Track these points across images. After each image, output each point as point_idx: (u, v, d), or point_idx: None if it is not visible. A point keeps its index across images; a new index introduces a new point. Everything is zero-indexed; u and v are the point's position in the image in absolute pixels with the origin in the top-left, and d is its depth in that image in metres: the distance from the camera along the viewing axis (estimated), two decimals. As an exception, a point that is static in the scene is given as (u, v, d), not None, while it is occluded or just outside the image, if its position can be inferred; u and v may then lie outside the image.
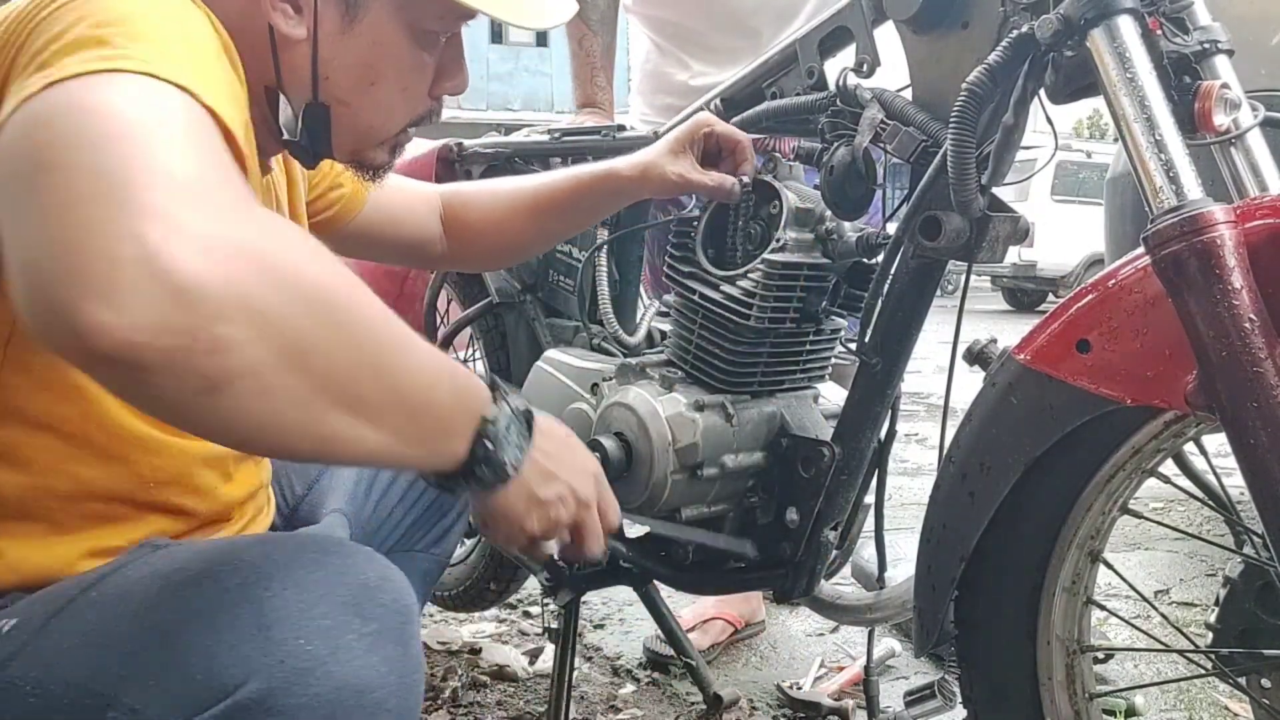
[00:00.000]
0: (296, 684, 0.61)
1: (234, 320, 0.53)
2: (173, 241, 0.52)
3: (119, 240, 0.51)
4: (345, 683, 0.63)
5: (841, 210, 1.11)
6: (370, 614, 0.66)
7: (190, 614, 0.63)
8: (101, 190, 0.52)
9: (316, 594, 0.64)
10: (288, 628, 0.62)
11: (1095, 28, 0.84)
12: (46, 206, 0.53)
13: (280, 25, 0.85)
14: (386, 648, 0.66)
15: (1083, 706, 0.99)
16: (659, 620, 1.61)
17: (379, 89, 0.90)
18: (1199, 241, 0.75)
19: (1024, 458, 0.90)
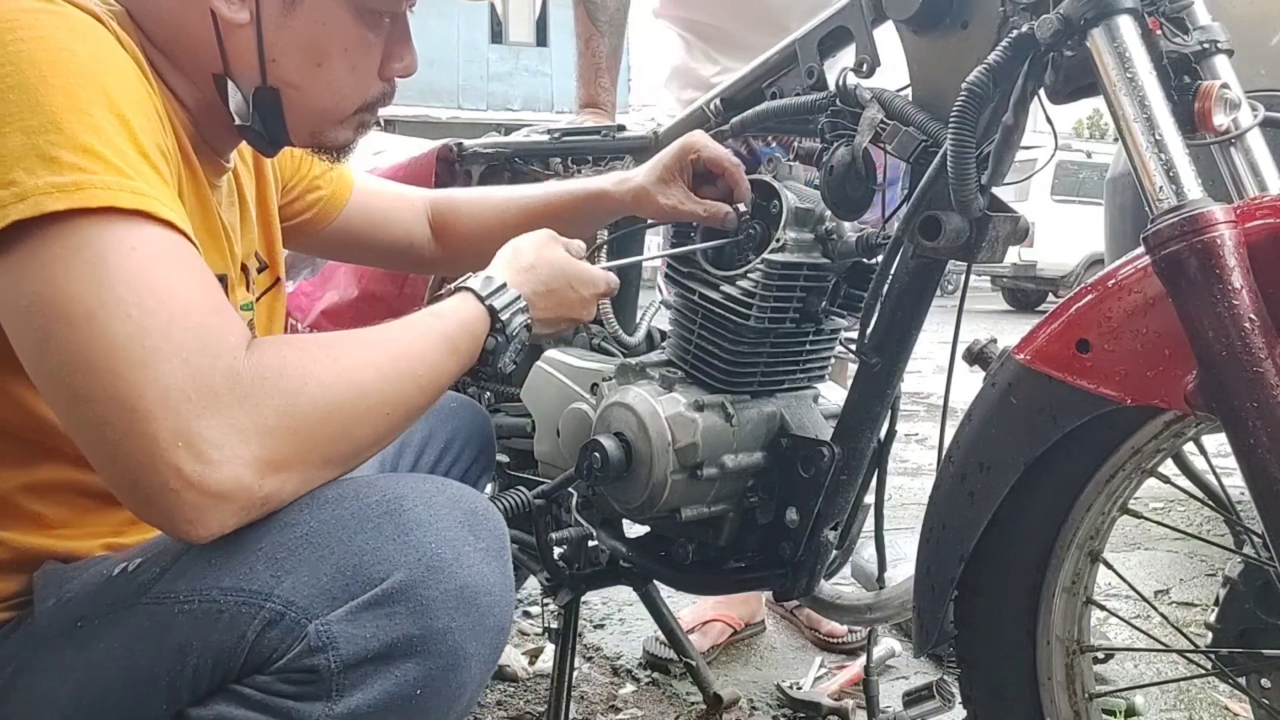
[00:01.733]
0: (432, 578, 0.72)
1: (277, 480, 0.72)
2: (204, 470, 0.68)
3: (165, 479, 0.67)
4: (468, 582, 0.73)
5: (841, 210, 1.11)
6: (480, 533, 0.76)
7: (336, 524, 0.73)
8: (132, 428, 0.66)
9: (441, 511, 0.75)
10: (421, 534, 0.73)
11: (1095, 27, 0.84)
12: (89, 423, 0.68)
13: (222, 10, 0.85)
14: (493, 561, 0.76)
15: (1082, 707, 0.99)
16: (659, 620, 1.61)
17: (327, 69, 0.90)
18: (1199, 241, 0.75)
19: (1024, 458, 0.90)
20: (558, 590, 1.37)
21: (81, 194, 0.67)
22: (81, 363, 0.66)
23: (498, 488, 1.59)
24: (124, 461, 0.67)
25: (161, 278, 0.69)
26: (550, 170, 1.57)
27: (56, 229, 0.67)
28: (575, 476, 1.23)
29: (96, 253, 0.67)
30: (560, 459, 1.34)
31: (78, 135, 0.69)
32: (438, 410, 1.31)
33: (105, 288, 0.67)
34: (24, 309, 0.68)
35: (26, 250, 0.67)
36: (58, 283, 0.67)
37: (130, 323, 0.67)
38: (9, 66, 0.69)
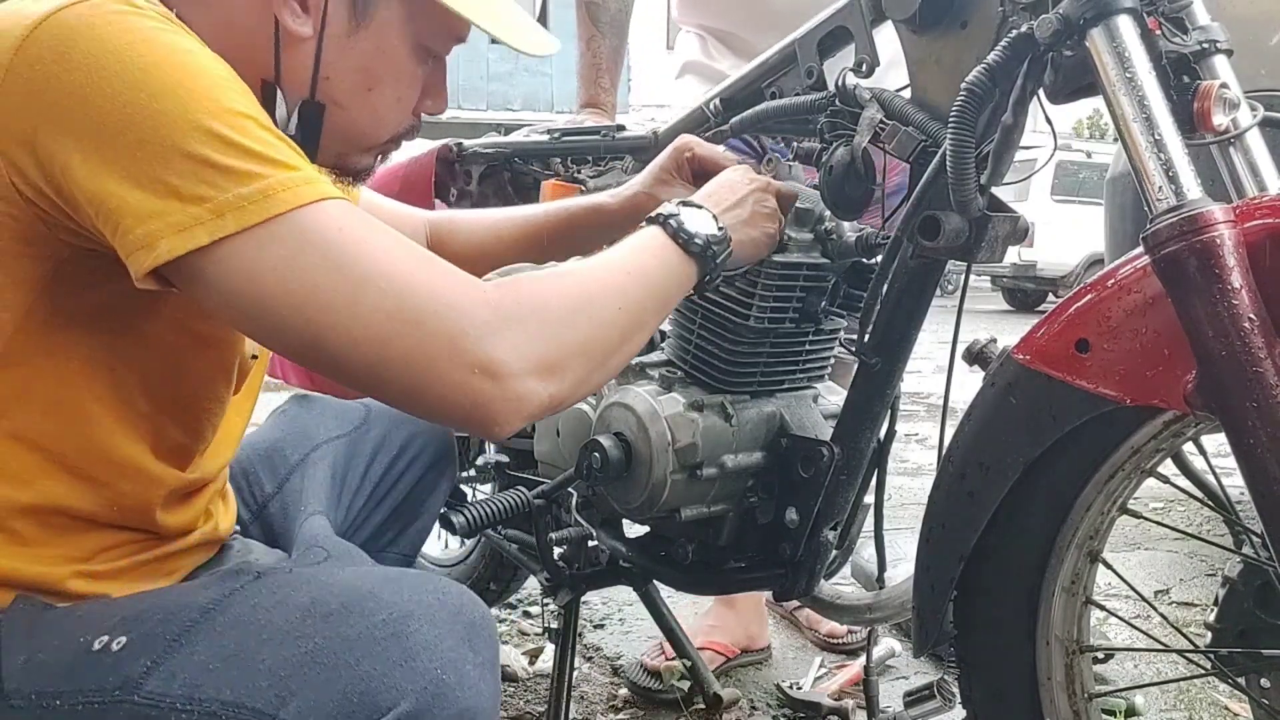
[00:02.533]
0: (435, 706, 0.71)
1: (555, 380, 0.80)
2: (502, 386, 0.76)
3: (474, 400, 0.76)
4: (468, 705, 0.72)
5: (841, 210, 1.11)
6: (478, 646, 0.76)
7: (342, 643, 0.72)
8: (435, 376, 0.75)
9: (444, 630, 0.74)
10: (426, 659, 0.72)
11: (1094, 27, 0.84)
12: (392, 383, 0.76)
13: (287, 21, 0.86)
14: (488, 676, 0.76)
15: (1082, 707, 0.99)
16: (659, 620, 1.61)
17: (375, 94, 0.93)
18: (1198, 241, 0.75)
19: (1023, 457, 0.90)
20: (558, 590, 1.37)
21: (271, 201, 0.72)
22: (365, 341, 0.73)
23: (497, 488, 1.59)
24: (435, 399, 0.76)
25: (380, 245, 0.76)
26: (550, 170, 1.57)
27: (266, 235, 0.72)
28: (575, 476, 1.23)
29: (321, 243, 0.73)
30: (560, 459, 1.34)
31: (238, 140, 0.72)
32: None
33: (349, 270, 0.73)
34: (272, 310, 0.73)
35: (248, 259, 0.72)
36: (302, 280, 0.72)
37: (388, 293, 0.74)
38: (147, 73, 0.71)
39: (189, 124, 0.71)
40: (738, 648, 1.91)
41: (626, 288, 0.89)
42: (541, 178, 1.57)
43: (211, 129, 0.72)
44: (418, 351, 0.74)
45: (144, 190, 0.70)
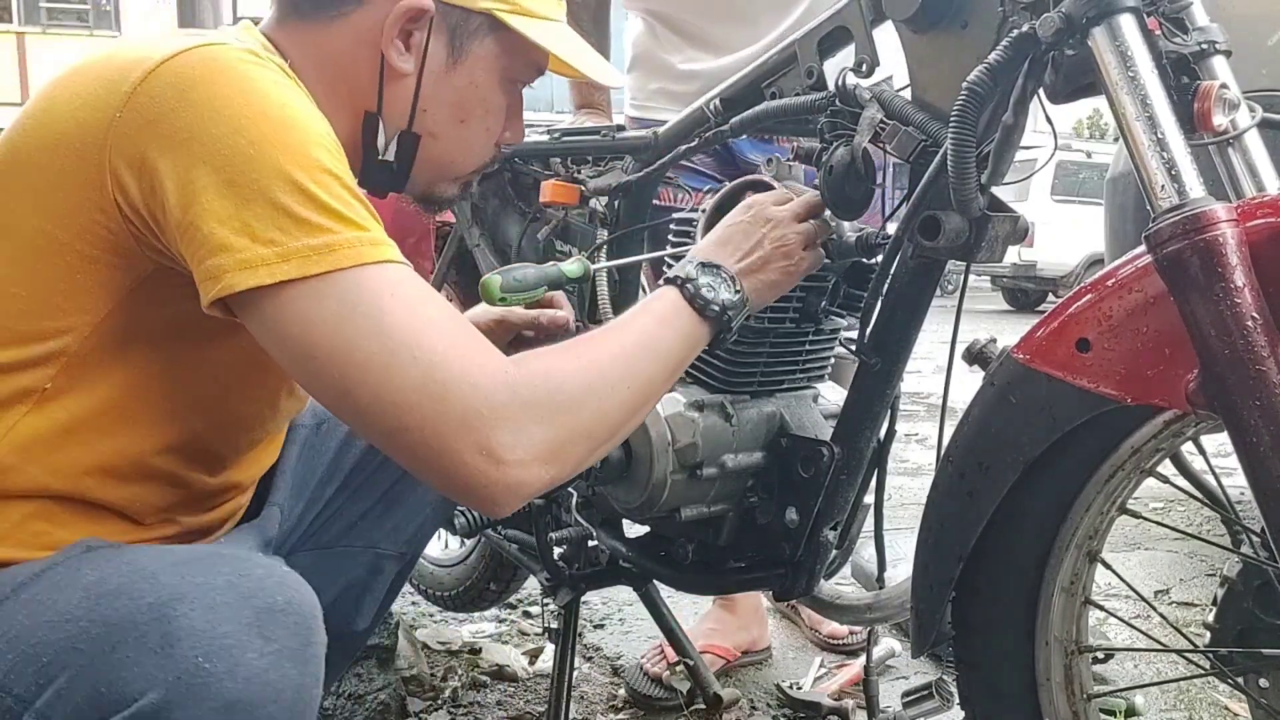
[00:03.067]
0: (190, 698, 0.67)
1: (558, 464, 0.83)
2: (502, 472, 0.79)
3: (473, 480, 0.79)
4: (238, 698, 0.68)
5: (841, 210, 1.11)
6: (273, 635, 0.71)
7: (104, 627, 0.69)
8: (443, 448, 0.78)
9: (224, 615, 0.70)
10: (189, 645, 0.68)
11: (1097, 26, 0.84)
12: (405, 448, 0.80)
13: (392, 58, 0.95)
14: (284, 667, 0.71)
15: (1081, 707, 0.99)
16: (659, 620, 1.61)
17: (467, 126, 1.01)
18: (1201, 240, 0.75)
19: (1023, 457, 0.90)
20: (558, 590, 1.37)
21: (334, 255, 0.77)
22: (389, 404, 0.77)
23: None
24: (440, 472, 0.79)
25: (424, 316, 0.79)
26: (550, 170, 1.57)
27: (323, 287, 0.76)
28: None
29: (370, 306, 0.77)
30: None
31: (318, 195, 0.78)
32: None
33: (388, 337, 0.77)
34: (313, 357, 0.77)
35: (301, 306, 0.76)
36: (345, 336, 0.76)
37: (418, 365, 0.77)
38: (253, 121, 0.77)
39: (277, 173, 0.76)
40: (738, 650, 1.90)
41: (639, 365, 0.90)
42: (541, 178, 1.56)
43: (297, 181, 0.77)
44: (432, 425, 0.77)
45: (224, 226, 0.75)
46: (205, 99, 0.77)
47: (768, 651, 1.96)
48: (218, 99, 0.77)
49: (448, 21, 0.97)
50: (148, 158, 0.77)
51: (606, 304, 1.44)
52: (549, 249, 1.56)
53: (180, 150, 0.76)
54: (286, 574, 0.77)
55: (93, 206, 0.79)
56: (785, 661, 1.96)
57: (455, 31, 0.97)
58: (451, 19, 0.97)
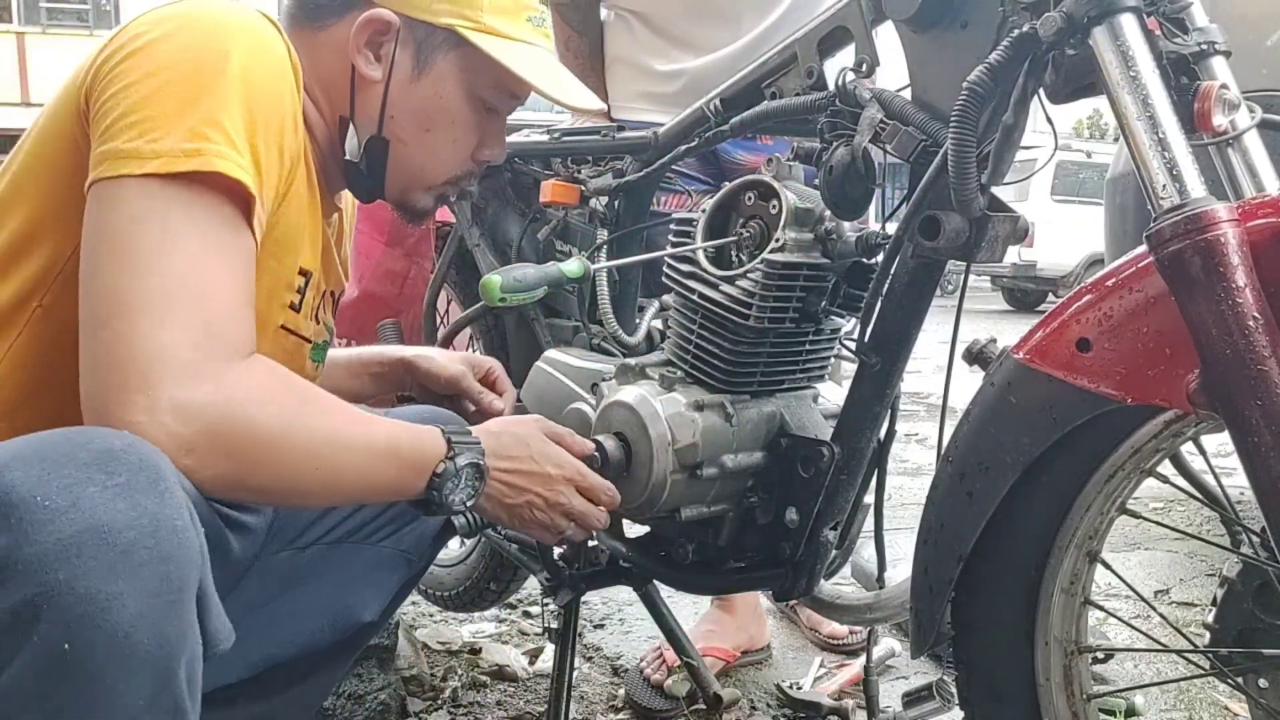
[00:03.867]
0: (36, 533, 0.67)
1: (191, 461, 0.79)
2: (145, 423, 0.77)
3: (120, 411, 0.78)
4: (88, 525, 0.67)
5: (841, 210, 1.11)
6: (115, 469, 0.71)
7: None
8: (122, 363, 0.78)
9: (58, 462, 0.70)
10: (25, 490, 0.68)
11: (1098, 26, 0.84)
12: (97, 341, 0.80)
13: (360, 66, 1.03)
14: (134, 496, 0.70)
15: (1080, 707, 0.99)
16: (659, 620, 1.61)
17: (432, 135, 1.07)
18: (1202, 240, 0.75)
19: (1023, 457, 0.90)
20: (558, 590, 1.37)
21: (200, 159, 0.82)
22: (114, 293, 0.79)
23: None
24: (100, 378, 0.79)
25: (214, 272, 0.83)
26: (550, 170, 1.57)
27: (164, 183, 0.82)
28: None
29: (173, 218, 0.82)
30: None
31: (214, 115, 0.84)
32: (408, 417, 1.30)
33: (167, 249, 0.81)
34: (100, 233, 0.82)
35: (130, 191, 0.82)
36: (134, 225, 0.81)
37: (161, 285, 0.80)
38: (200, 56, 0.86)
39: (197, 101, 0.85)
40: (737, 650, 1.90)
41: (347, 462, 0.88)
42: (541, 178, 1.56)
43: (206, 108, 0.84)
44: (131, 338, 0.78)
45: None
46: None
47: (767, 650, 1.96)
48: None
49: (414, 35, 1.04)
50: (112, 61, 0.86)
51: (606, 304, 1.44)
52: (549, 249, 1.56)
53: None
54: (121, 431, 0.76)
55: (71, 116, 0.88)
56: (785, 661, 1.96)
57: (421, 45, 1.04)
58: (418, 33, 1.04)
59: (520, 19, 1.07)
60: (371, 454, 0.90)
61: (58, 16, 18.02)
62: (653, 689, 1.73)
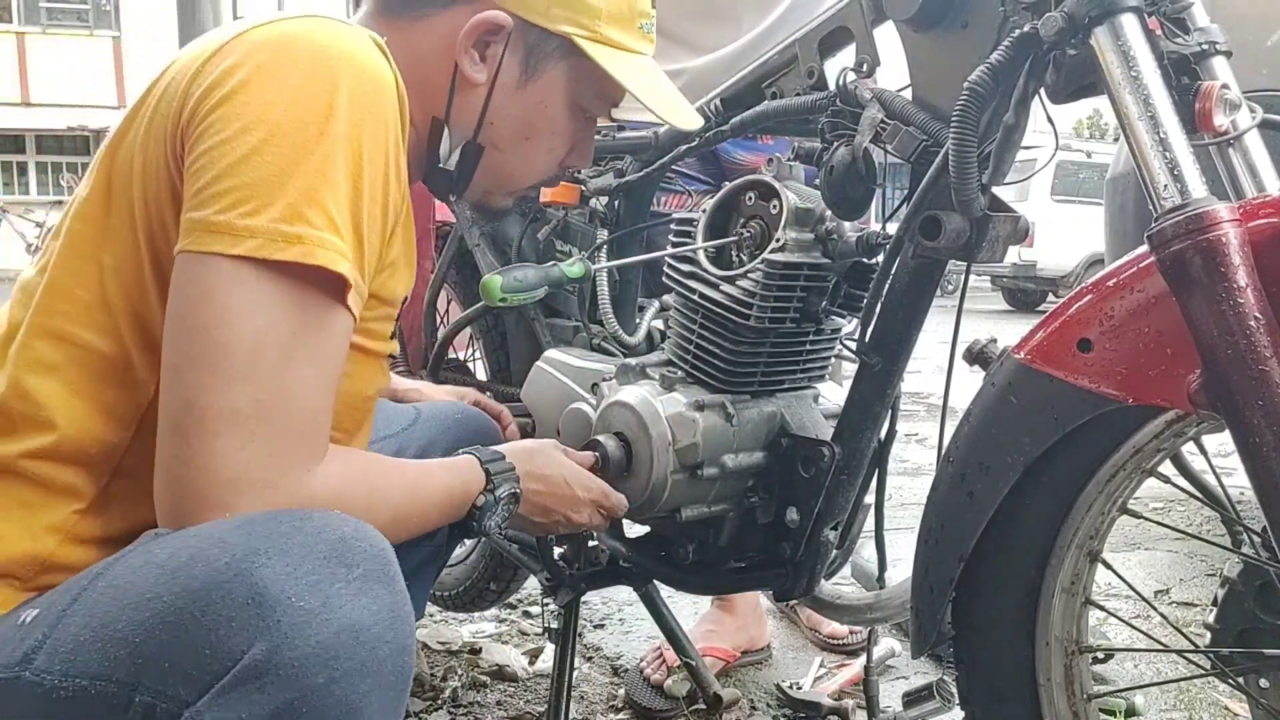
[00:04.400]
0: (296, 637, 0.66)
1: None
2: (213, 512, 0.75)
3: (199, 512, 0.75)
4: (342, 626, 0.68)
5: (841, 210, 1.11)
6: (353, 561, 0.71)
7: (187, 597, 0.68)
8: (197, 465, 0.75)
9: (300, 555, 0.69)
10: (278, 590, 0.67)
11: (1099, 26, 0.84)
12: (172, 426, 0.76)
13: (465, 68, 0.96)
14: (373, 588, 0.70)
15: (1081, 707, 0.99)
16: (659, 620, 1.61)
17: (531, 144, 1.02)
18: (1204, 240, 0.75)
19: (1023, 457, 0.90)
20: (558, 590, 1.37)
21: (300, 248, 0.75)
22: (197, 406, 0.74)
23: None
24: (177, 493, 0.75)
25: (300, 373, 0.77)
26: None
27: (274, 271, 0.75)
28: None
29: (266, 315, 0.76)
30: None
31: (315, 189, 0.77)
32: (441, 419, 1.31)
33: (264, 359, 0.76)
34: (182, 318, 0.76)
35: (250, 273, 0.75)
36: (224, 323, 0.75)
37: (247, 396, 0.75)
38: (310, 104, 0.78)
39: (301, 173, 0.77)
40: (737, 651, 1.90)
41: (411, 524, 0.91)
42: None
43: (312, 185, 0.77)
44: (207, 459, 0.74)
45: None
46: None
47: (767, 650, 1.96)
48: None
49: (526, 39, 0.97)
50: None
51: (607, 304, 1.44)
52: (549, 249, 1.56)
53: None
54: (341, 515, 0.76)
55: (165, 151, 0.81)
56: (785, 661, 1.96)
57: (532, 50, 0.98)
58: (530, 37, 0.97)
59: (634, 27, 1.02)
60: (428, 510, 0.93)
61: (58, 16, 18.03)
62: (653, 689, 1.73)
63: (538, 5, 0.96)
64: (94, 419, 0.82)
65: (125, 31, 17.97)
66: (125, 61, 17.96)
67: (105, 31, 18.05)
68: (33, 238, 17.07)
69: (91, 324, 0.82)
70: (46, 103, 17.59)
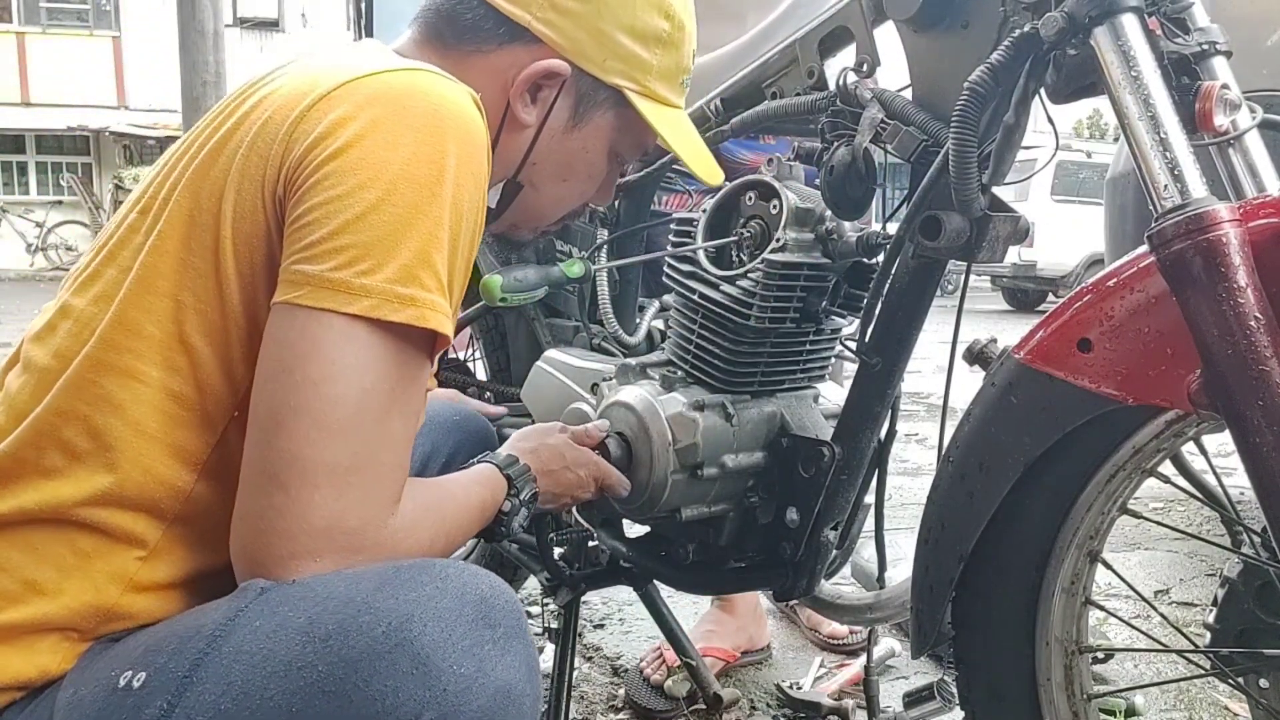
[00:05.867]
0: (462, 704, 0.69)
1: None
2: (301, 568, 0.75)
3: (276, 565, 0.75)
4: (497, 689, 0.71)
5: (841, 210, 1.11)
6: (496, 620, 0.73)
7: (346, 666, 0.69)
8: (284, 513, 0.74)
9: (452, 620, 0.71)
10: (439, 658, 0.69)
11: (1099, 26, 0.84)
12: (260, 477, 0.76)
13: (517, 110, 0.97)
14: (515, 646, 0.73)
15: (1081, 707, 0.99)
16: (659, 620, 1.61)
17: (566, 185, 1.05)
18: (1204, 240, 0.75)
19: (1023, 457, 0.90)
20: (558, 590, 1.37)
21: (413, 310, 0.76)
22: (293, 458, 0.74)
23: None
24: (266, 541, 0.74)
25: (393, 426, 0.78)
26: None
27: (384, 331, 0.76)
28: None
29: (373, 373, 0.76)
30: (560, 459, 1.34)
31: (427, 251, 0.78)
32: (441, 423, 1.32)
33: (357, 419, 0.76)
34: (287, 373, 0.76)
35: (363, 331, 0.76)
36: (332, 378, 0.75)
37: (348, 450, 0.75)
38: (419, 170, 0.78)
39: (411, 235, 0.78)
40: (737, 651, 1.90)
41: (456, 540, 0.92)
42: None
43: (422, 248, 0.79)
44: (301, 507, 0.74)
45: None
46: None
47: (767, 650, 1.96)
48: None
49: (579, 86, 0.99)
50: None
51: (607, 304, 1.44)
52: (549, 249, 1.56)
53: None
54: (466, 566, 0.77)
55: (261, 196, 0.80)
56: (785, 661, 1.96)
57: (583, 98, 1.00)
58: (583, 85, 0.99)
59: (676, 82, 1.05)
60: (472, 525, 0.95)
61: (58, 16, 18.02)
62: (653, 689, 1.73)
63: (595, 56, 0.98)
64: (162, 460, 0.80)
65: (125, 31, 17.97)
66: (125, 61, 17.97)
67: (105, 31, 18.05)
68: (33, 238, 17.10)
69: (165, 363, 0.80)
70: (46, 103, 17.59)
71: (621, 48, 0.99)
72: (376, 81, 0.81)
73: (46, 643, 0.78)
